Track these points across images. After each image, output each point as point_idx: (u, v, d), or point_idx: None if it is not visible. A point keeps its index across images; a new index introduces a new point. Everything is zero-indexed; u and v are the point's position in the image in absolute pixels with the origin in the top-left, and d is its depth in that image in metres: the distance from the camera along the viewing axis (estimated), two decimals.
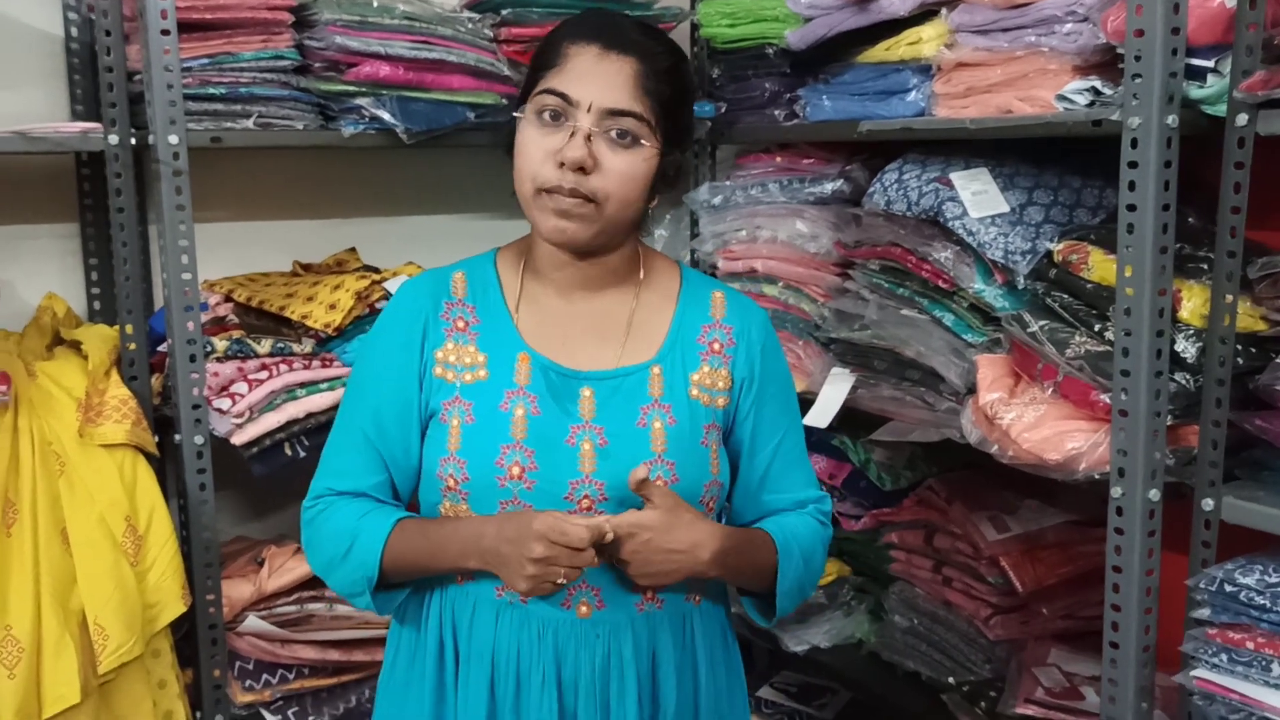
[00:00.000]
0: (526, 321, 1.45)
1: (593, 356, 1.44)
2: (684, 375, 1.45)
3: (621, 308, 1.46)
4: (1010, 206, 1.89)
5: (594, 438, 1.39)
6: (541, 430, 1.38)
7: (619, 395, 1.42)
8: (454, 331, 1.44)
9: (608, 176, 1.35)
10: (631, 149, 1.36)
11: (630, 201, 1.38)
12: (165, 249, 1.99)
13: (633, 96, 1.35)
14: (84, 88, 2.22)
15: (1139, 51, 1.55)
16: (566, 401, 1.41)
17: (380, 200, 2.58)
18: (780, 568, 1.44)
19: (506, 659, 1.39)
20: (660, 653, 1.43)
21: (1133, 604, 1.66)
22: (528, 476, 1.36)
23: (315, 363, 2.14)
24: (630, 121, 1.35)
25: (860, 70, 2.09)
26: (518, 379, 1.41)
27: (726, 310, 1.49)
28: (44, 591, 1.81)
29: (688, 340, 1.46)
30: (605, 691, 1.40)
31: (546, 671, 1.38)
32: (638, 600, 1.41)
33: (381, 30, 2.12)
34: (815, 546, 1.50)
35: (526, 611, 1.39)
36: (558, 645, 1.38)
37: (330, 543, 1.42)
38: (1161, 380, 1.62)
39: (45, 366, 2.01)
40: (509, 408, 1.39)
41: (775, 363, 1.52)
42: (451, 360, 1.43)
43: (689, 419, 1.43)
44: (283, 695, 2.13)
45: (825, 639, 2.35)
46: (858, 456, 2.35)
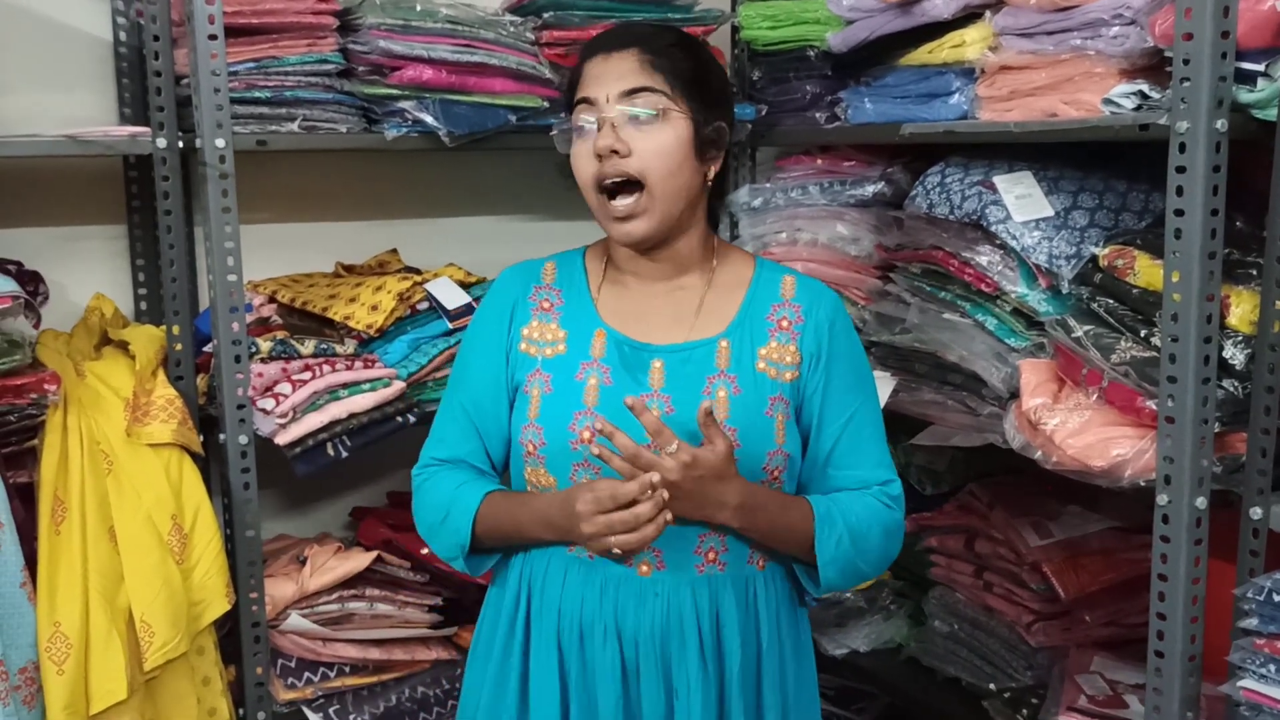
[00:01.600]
0: (606, 303, 1.56)
1: (665, 333, 1.52)
2: (751, 349, 1.50)
3: (694, 291, 1.55)
4: (1054, 210, 1.87)
5: (661, 406, 1.47)
6: (613, 398, 1.46)
7: (688, 367, 1.49)
8: (539, 311, 1.56)
9: (642, 155, 1.44)
10: (655, 122, 1.45)
11: (672, 172, 1.45)
12: (211, 251, 2.01)
13: (641, 74, 1.45)
14: (132, 91, 2.25)
15: (1188, 55, 1.54)
16: (638, 372, 1.49)
17: (421, 202, 2.60)
18: (818, 535, 1.46)
19: (571, 613, 1.48)
20: (724, 614, 1.48)
21: (1178, 613, 1.64)
22: (597, 441, 1.41)
23: (358, 363, 2.15)
24: (645, 96, 1.45)
25: (902, 73, 2.08)
26: (593, 352, 1.51)
27: (797, 291, 1.55)
28: (92, 589, 1.84)
29: (757, 318, 1.52)
30: (666, 648, 1.46)
31: (608, 626, 1.46)
32: (699, 562, 1.47)
33: (425, 34, 2.13)
34: (870, 524, 1.49)
35: (591, 567, 1.47)
36: (618, 601, 1.46)
37: (430, 511, 1.55)
38: (1209, 387, 1.60)
39: (93, 366, 2.03)
40: (583, 378, 1.50)
41: (846, 342, 1.55)
42: (535, 337, 1.55)
43: (753, 390, 1.48)
44: (324, 693, 2.15)
45: (864, 643, 2.34)
46: (898, 460, 2.33)
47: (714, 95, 1.50)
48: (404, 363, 2.21)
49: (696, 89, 1.47)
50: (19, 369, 1.88)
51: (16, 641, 1.76)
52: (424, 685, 2.22)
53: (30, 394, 1.87)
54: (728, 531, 1.47)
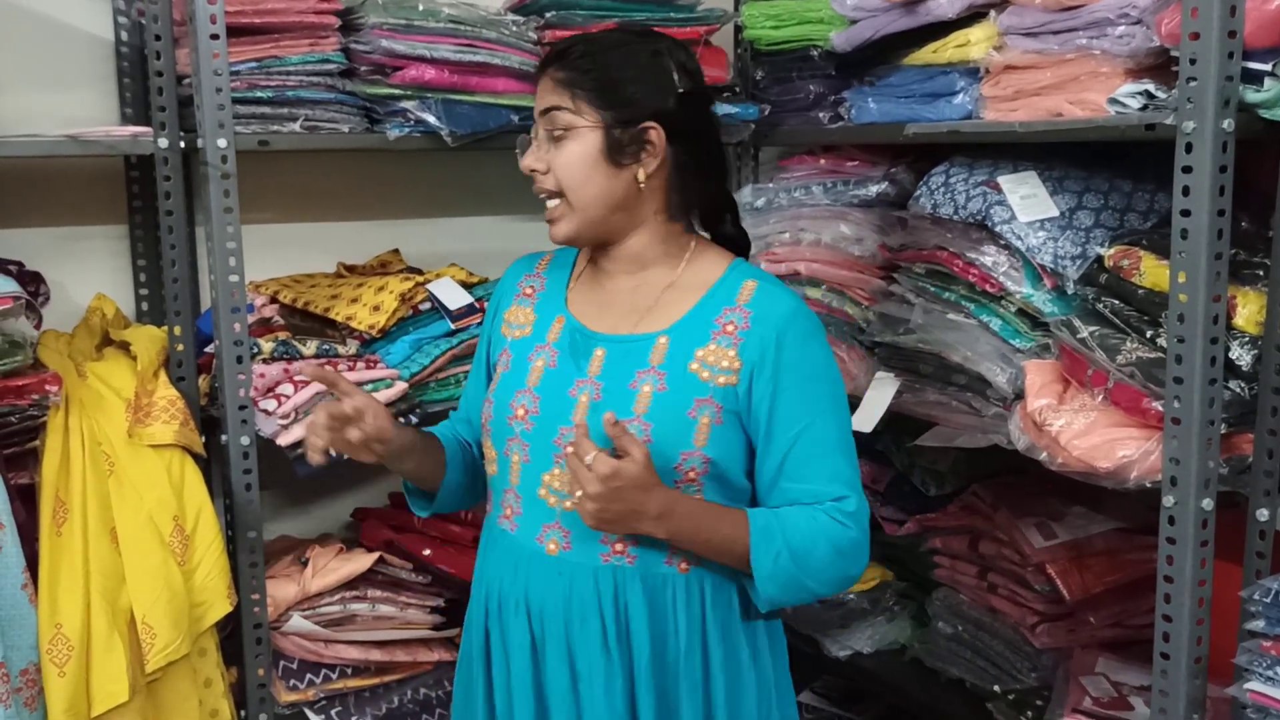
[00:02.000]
0: (577, 293, 1.63)
1: (615, 324, 1.57)
2: (689, 349, 1.52)
3: (654, 289, 1.57)
4: (1059, 211, 1.86)
5: (591, 392, 1.52)
6: (552, 380, 1.55)
7: (625, 358, 1.54)
8: (520, 297, 1.67)
9: (556, 170, 1.53)
10: (565, 139, 1.52)
11: (582, 183, 1.52)
12: (213, 251, 2.01)
13: (552, 94, 1.53)
14: (134, 91, 2.24)
15: (1194, 54, 1.53)
16: (581, 358, 1.55)
17: (423, 202, 2.59)
18: (754, 549, 1.46)
19: (494, 580, 1.58)
20: (632, 608, 1.50)
21: (1184, 615, 1.64)
22: (529, 419, 1.53)
23: (360, 364, 2.15)
24: (553, 115, 1.53)
25: (906, 72, 2.07)
26: (549, 336, 1.60)
27: (753, 297, 1.53)
28: (93, 590, 1.83)
29: (706, 319, 1.53)
30: (569, 628, 1.51)
31: (518, 598, 1.54)
32: (604, 551, 1.50)
33: (427, 34, 2.13)
34: (815, 541, 1.47)
35: (512, 541, 1.56)
36: (529, 576, 1.53)
37: None
38: (1215, 388, 1.59)
39: (95, 367, 2.03)
40: (533, 360, 1.58)
41: (798, 353, 1.51)
42: (512, 320, 1.65)
43: (680, 389, 1.50)
44: (326, 695, 2.14)
45: (868, 644, 2.33)
46: (901, 461, 2.33)
47: (626, 98, 1.51)
48: (406, 363, 2.20)
49: (603, 97, 1.51)
50: (20, 370, 1.88)
51: (18, 643, 1.76)
52: (426, 687, 2.22)
53: (32, 395, 1.86)
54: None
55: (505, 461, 1.56)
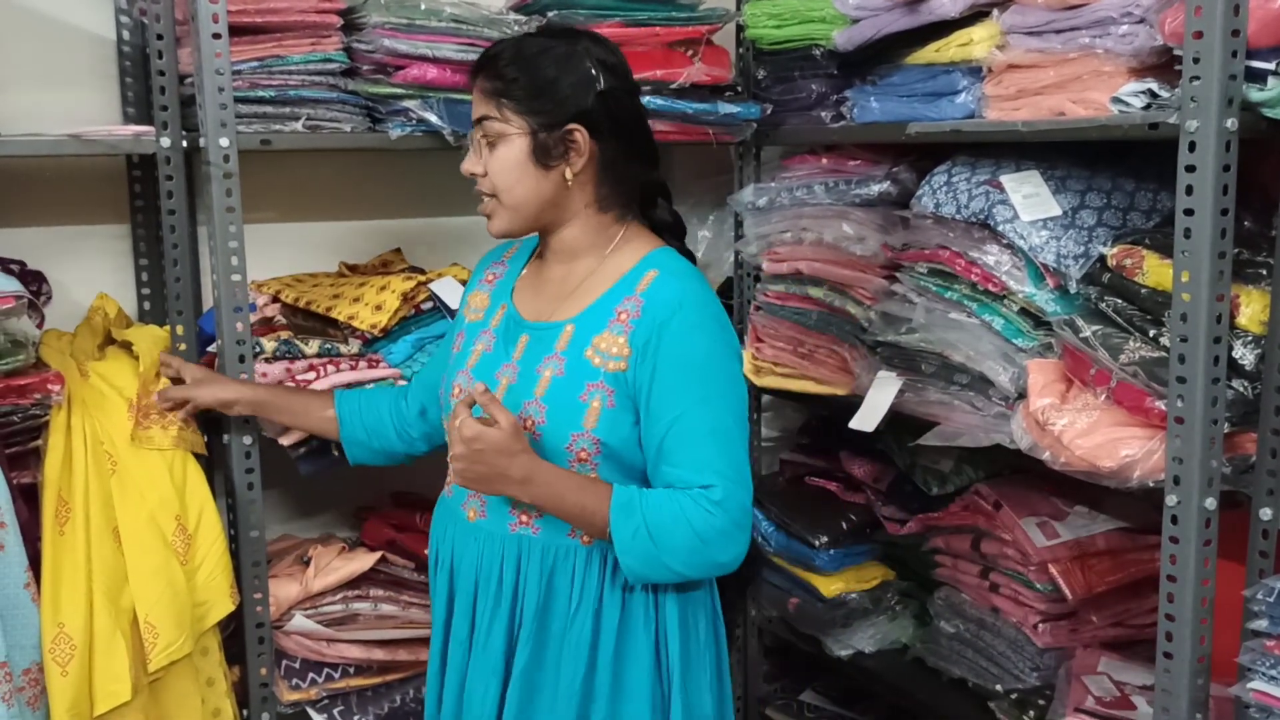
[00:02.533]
0: (523, 281, 1.77)
1: (540, 312, 1.70)
2: (588, 336, 1.63)
3: (578, 277, 1.69)
4: (1062, 210, 1.86)
5: (510, 375, 1.67)
6: (485, 364, 1.71)
7: (538, 345, 1.67)
8: (483, 283, 1.83)
9: (490, 175, 1.66)
10: (496, 145, 1.64)
11: (511, 185, 1.64)
12: (215, 250, 2.01)
13: (482, 103, 1.65)
14: (135, 90, 2.24)
15: (1198, 53, 1.53)
16: (509, 345, 1.70)
17: (425, 201, 2.59)
18: (613, 521, 1.56)
19: (436, 541, 1.77)
20: (528, 573, 1.63)
21: (1187, 614, 1.64)
22: (458, 398, 1.64)
23: (362, 364, 2.15)
24: (485, 125, 1.65)
25: (909, 72, 2.07)
26: (492, 322, 1.75)
27: (649, 287, 1.63)
28: (96, 589, 1.83)
29: (607, 308, 1.64)
30: (475, 588, 1.68)
31: (442, 555, 1.73)
32: (512, 521, 1.65)
33: (429, 33, 2.13)
34: (676, 522, 1.55)
35: (447, 505, 1.75)
36: (454, 538, 1.71)
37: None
38: (1218, 387, 1.59)
39: (97, 366, 2.03)
40: (477, 343, 1.74)
41: (679, 342, 1.58)
42: (473, 304, 1.81)
43: (574, 374, 1.62)
44: (328, 694, 2.14)
45: (870, 644, 2.33)
46: (903, 461, 2.33)
47: (549, 103, 1.62)
48: (408, 363, 2.20)
49: (528, 104, 1.62)
50: (23, 369, 1.88)
51: (20, 642, 1.76)
52: None
53: (34, 394, 1.86)
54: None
55: (447, 434, 1.69)
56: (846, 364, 2.24)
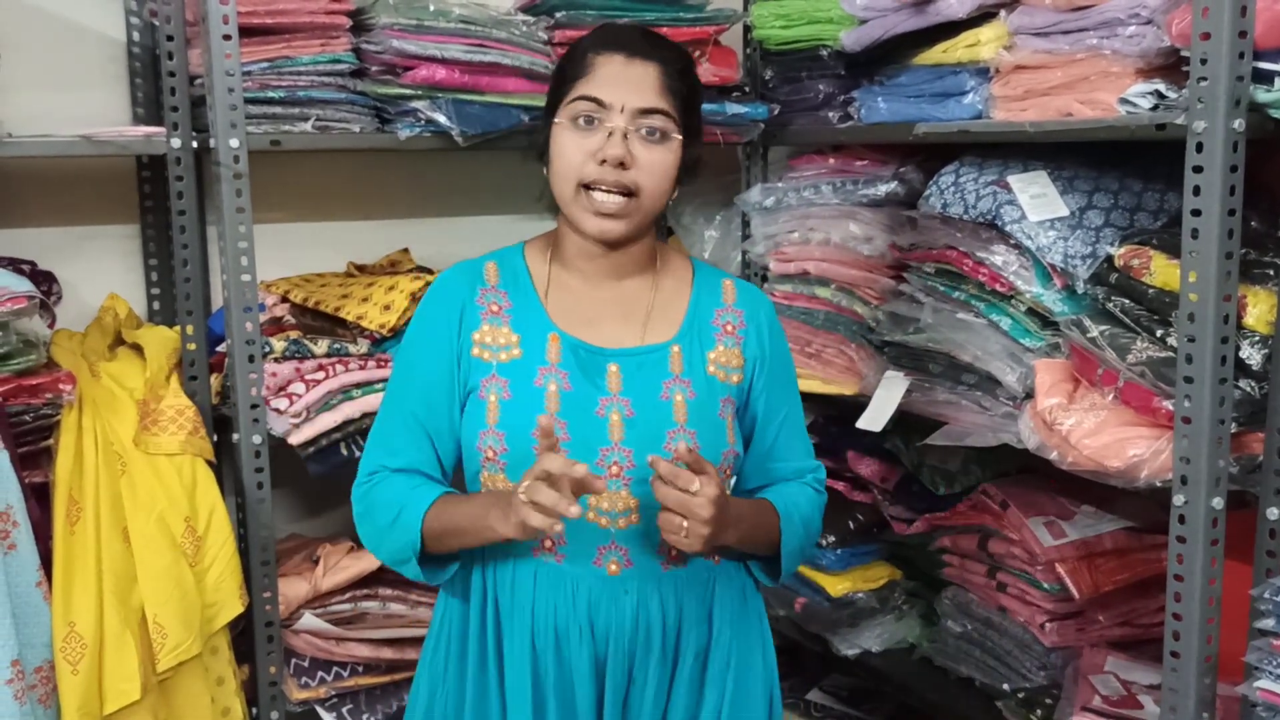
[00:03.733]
0: (555, 305, 1.56)
1: (617, 336, 1.55)
2: (702, 353, 1.56)
3: (641, 293, 1.58)
4: (1069, 210, 1.87)
5: (621, 409, 1.50)
6: (573, 403, 1.49)
7: (643, 371, 1.53)
8: (489, 315, 1.55)
9: (643, 170, 1.48)
10: (661, 144, 1.49)
11: (662, 192, 1.52)
12: (225, 250, 2.01)
13: (659, 96, 1.49)
14: (145, 91, 2.25)
15: (1205, 55, 1.53)
16: (595, 376, 1.52)
17: (433, 202, 2.60)
18: (783, 532, 1.54)
19: (545, 612, 1.49)
20: (685, 610, 1.53)
21: (1194, 614, 1.64)
22: (561, 446, 1.43)
23: (371, 363, 2.16)
24: (659, 119, 1.49)
25: (916, 72, 2.08)
26: (549, 357, 1.52)
27: (737, 296, 1.61)
28: (106, 589, 1.84)
29: (703, 322, 1.58)
30: (633, 643, 1.50)
31: (582, 625, 1.49)
32: (663, 560, 1.52)
33: (437, 34, 2.13)
34: (813, 512, 1.62)
35: (561, 570, 1.50)
36: (591, 600, 1.49)
37: (380, 512, 1.52)
38: (1226, 387, 1.60)
39: (108, 367, 2.04)
40: (543, 383, 1.50)
41: (781, 344, 1.64)
42: (488, 341, 1.53)
43: (707, 393, 1.54)
44: (337, 692, 2.15)
45: (877, 643, 2.34)
46: (910, 460, 2.33)
47: (697, 124, 1.56)
48: None
49: (691, 118, 1.54)
50: (34, 369, 1.89)
51: (32, 640, 1.77)
52: None
53: (45, 394, 1.87)
54: None
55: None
56: (853, 364, 2.25)
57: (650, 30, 1.58)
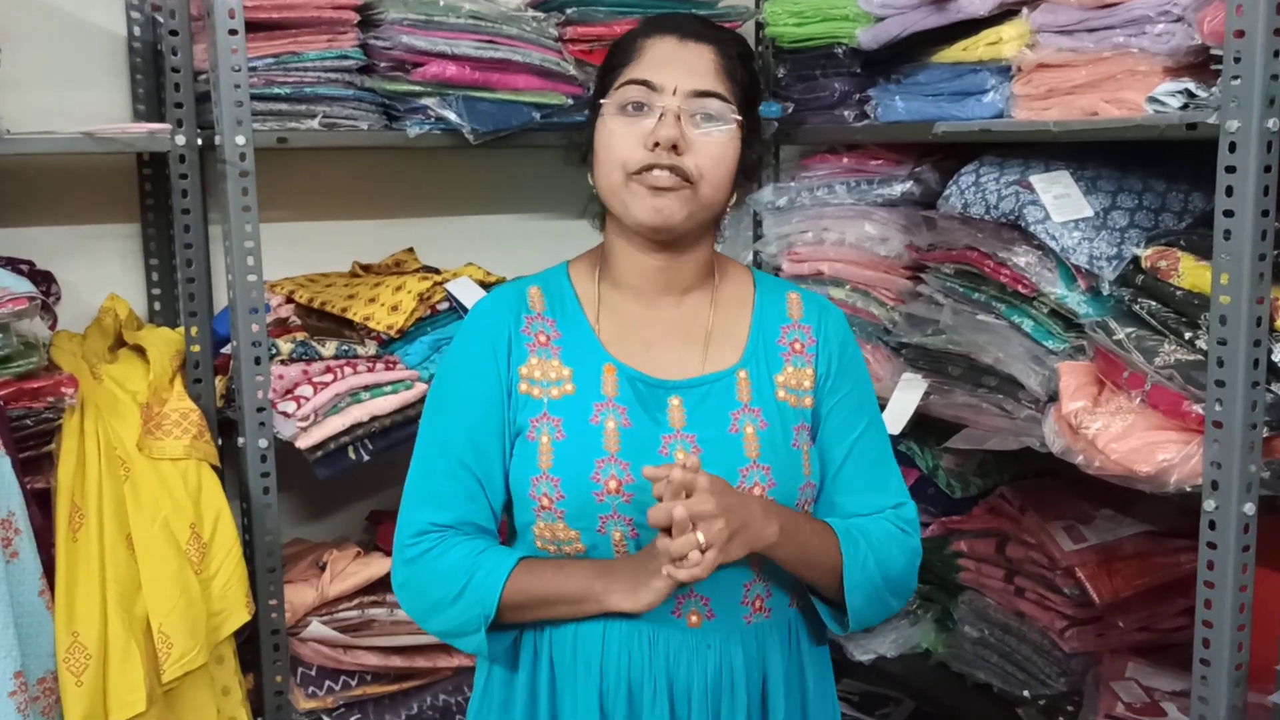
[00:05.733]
0: (608, 332, 1.43)
1: (677, 364, 1.42)
2: (769, 378, 1.43)
3: (700, 312, 1.45)
4: (1094, 211, 1.84)
5: (687, 446, 1.37)
6: (635, 441, 1.36)
7: (708, 402, 1.40)
8: (536, 346, 1.41)
9: (700, 154, 1.35)
10: (718, 130, 1.36)
11: (721, 183, 1.38)
12: (231, 250, 1.97)
13: (715, 78, 1.37)
14: (146, 88, 2.21)
15: (1239, 53, 1.50)
16: (656, 411, 1.39)
17: (439, 200, 2.56)
18: (845, 556, 1.37)
19: (616, 669, 1.36)
20: (770, 663, 1.41)
21: (1226, 621, 1.61)
22: (625, 490, 1.34)
23: (379, 365, 2.12)
24: (714, 102, 1.36)
25: (935, 70, 2.04)
26: (605, 390, 1.39)
27: (804, 310, 1.48)
28: (110, 598, 1.80)
29: (769, 343, 1.45)
30: (717, 703, 1.37)
31: (658, 682, 1.35)
32: (746, 612, 1.40)
33: (447, 30, 2.10)
34: (890, 549, 1.40)
35: (634, 623, 1.35)
36: (669, 655, 1.35)
37: (443, 582, 1.36)
38: (1258, 391, 1.57)
39: (110, 369, 1.99)
40: (599, 421, 1.37)
41: (854, 359, 1.49)
42: (536, 376, 1.40)
43: (779, 422, 1.41)
44: (345, 702, 2.11)
45: (892, 648, 2.31)
46: (926, 463, 2.31)
47: (758, 121, 1.44)
48: (425, 364, 2.17)
49: (751, 109, 1.41)
50: (35, 371, 1.84)
51: (35, 651, 1.72)
52: (445, 693, 2.19)
53: (47, 397, 1.83)
54: (769, 575, 1.40)
55: (602, 539, 1.35)
56: (869, 366, 2.21)
57: (709, 20, 1.46)
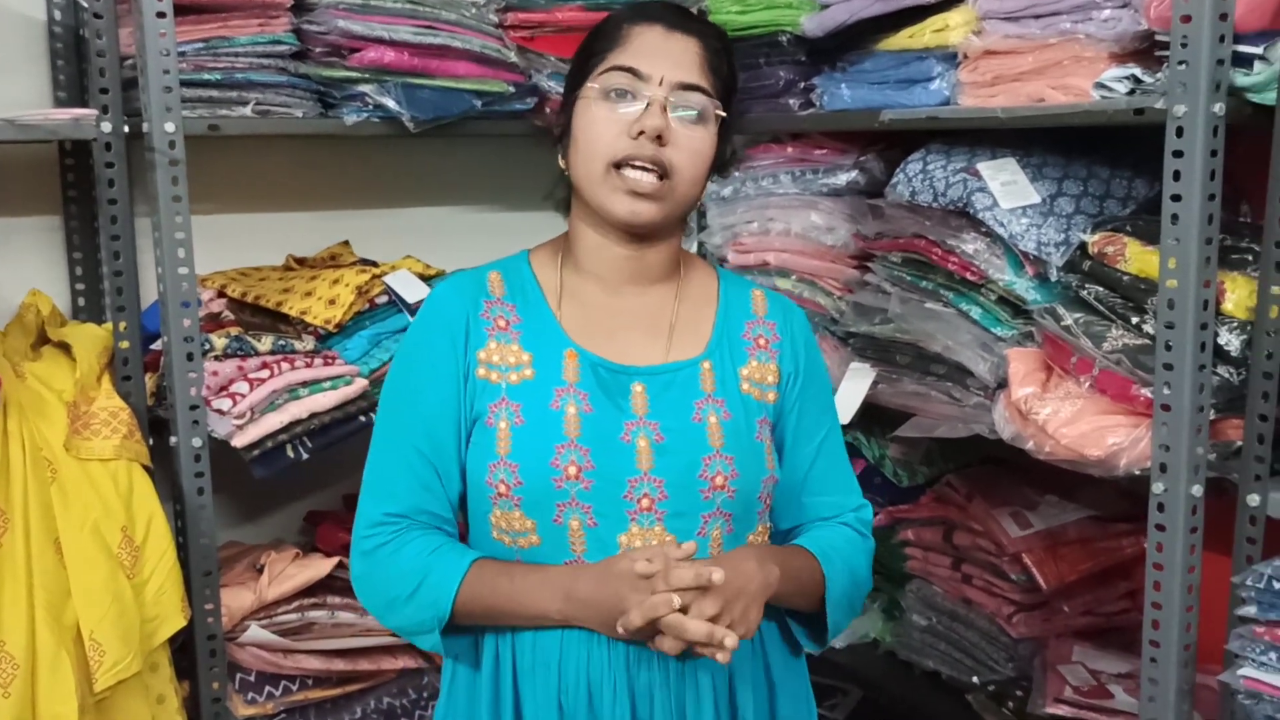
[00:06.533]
0: (570, 318, 1.41)
1: (641, 352, 1.40)
2: (734, 370, 1.43)
3: (665, 304, 1.44)
4: (1040, 197, 1.85)
5: (649, 434, 1.35)
6: (596, 427, 1.34)
7: (672, 390, 1.39)
8: (496, 331, 1.39)
9: (680, 150, 1.34)
10: (701, 125, 1.36)
11: (697, 179, 1.38)
12: (161, 242, 1.90)
13: (700, 72, 1.37)
14: (67, 74, 2.12)
15: (1185, 38, 1.52)
16: (618, 397, 1.37)
17: (376, 192, 2.50)
18: (827, 576, 1.39)
19: (575, 669, 1.33)
20: (736, 663, 1.37)
21: (1175, 603, 1.63)
22: (584, 476, 1.32)
23: (317, 360, 2.05)
24: (700, 97, 1.36)
25: (881, 58, 2.04)
26: (566, 376, 1.37)
27: (768, 308, 1.49)
28: (38, 605, 1.72)
29: (733, 336, 1.45)
30: (681, 702, 1.35)
31: (618, 681, 1.33)
32: None
33: (385, 14, 2.04)
34: (858, 559, 1.45)
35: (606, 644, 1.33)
36: (629, 653, 1.33)
37: (398, 581, 1.35)
38: (1205, 374, 1.59)
39: (34, 368, 1.91)
40: (560, 406, 1.35)
41: (817, 359, 1.51)
42: (495, 361, 1.38)
43: (743, 414, 1.40)
44: (285, 708, 2.05)
45: (840, 639, 2.30)
46: (872, 453, 2.31)
47: (735, 117, 1.43)
48: (365, 359, 2.11)
49: (729, 104, 1.41)
50: None
51: None
52: (390, 696, 2.14)
53: None
54: None
55: (558, 530, 1.33)
56: None
57: (691, 11, 1.46)
